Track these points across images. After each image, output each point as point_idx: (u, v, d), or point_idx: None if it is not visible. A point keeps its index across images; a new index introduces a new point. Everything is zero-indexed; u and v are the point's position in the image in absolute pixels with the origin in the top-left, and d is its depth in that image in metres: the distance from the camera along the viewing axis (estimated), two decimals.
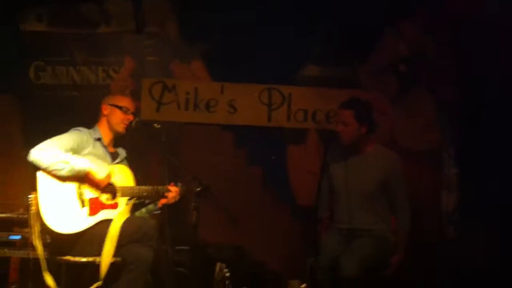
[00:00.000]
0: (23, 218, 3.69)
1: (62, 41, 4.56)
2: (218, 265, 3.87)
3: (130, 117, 3.58)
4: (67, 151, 3.32)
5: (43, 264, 3.20)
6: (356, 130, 3.66)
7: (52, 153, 3.25)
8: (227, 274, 3.82)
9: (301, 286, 3.77)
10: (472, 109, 4.45)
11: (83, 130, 3.51)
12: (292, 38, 4.46)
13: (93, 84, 4.59)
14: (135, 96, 4.41)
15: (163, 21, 4.66)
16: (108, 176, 3.36)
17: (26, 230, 3.41)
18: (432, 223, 4.45)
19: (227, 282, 3.82)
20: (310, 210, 4.15)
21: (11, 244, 3.66)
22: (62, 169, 3.23)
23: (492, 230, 4.24)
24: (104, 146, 3.56)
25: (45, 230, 3.22)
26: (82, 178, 3.30)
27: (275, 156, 4.59)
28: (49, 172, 3.24)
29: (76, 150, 3.38)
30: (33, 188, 3.24)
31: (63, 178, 3.26)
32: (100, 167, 3.36)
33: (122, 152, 3.68)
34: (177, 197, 3.48)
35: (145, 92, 4.57)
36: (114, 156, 3.60)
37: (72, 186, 3.30)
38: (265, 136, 4.62)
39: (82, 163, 3.28)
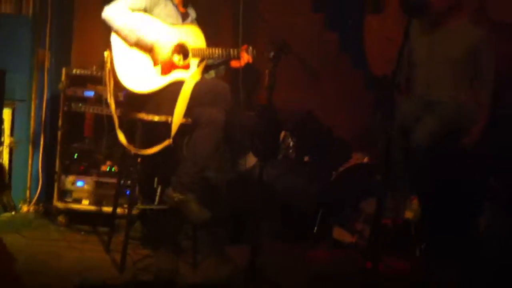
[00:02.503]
0: (96, 75, 3.72)
1: None
2: (283, 133, 3.92)
3: None
4: (139, 10, 3.26)
5: (116, 121, 3.25)
6: None
7: (125, 16, 3.19)
8: (291, 144, 3.87)
9: (364, 160, 3.82)
10: None
11: None
12: None
13: None
14: None
15: None
16: (171, 55, 3.25)
17: (100, 87, 3.44)
18: None
19: (291, 151, 3.89)
20: (385, 79, 4.06)
21: (86, 100, 3.73)
22: (129, 37, 3.18)
23: None
24: (175, 6, 3.46)
25: (118, 88, 3.23)
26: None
27: (352, 21, 4.44)
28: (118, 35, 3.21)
29: (148, 9, 3.31)
30: (108, 46, 3.20)
31: None
32: (167, 42, 3.25)
33: (192, 13, 3.57)
34: (250, 60, 3.38)
35: None
36: (184, 16, 3.50)
37: None
38: (344, 1, 4.47)
39: (149, 36, 3.20)
